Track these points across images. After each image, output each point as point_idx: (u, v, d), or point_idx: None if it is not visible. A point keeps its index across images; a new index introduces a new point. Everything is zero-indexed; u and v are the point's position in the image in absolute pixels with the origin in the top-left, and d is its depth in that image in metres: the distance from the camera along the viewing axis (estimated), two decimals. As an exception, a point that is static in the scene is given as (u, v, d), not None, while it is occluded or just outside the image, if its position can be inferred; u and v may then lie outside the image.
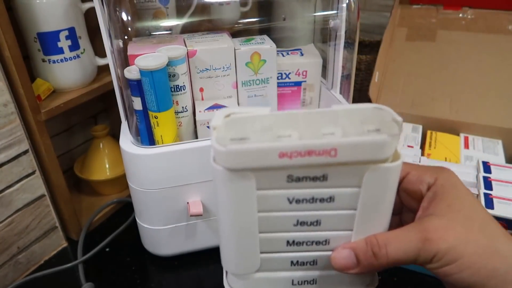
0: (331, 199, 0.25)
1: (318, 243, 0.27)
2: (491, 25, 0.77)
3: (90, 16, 0.56)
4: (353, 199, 0.25)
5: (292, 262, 0.28)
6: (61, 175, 0.56)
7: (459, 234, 0.24)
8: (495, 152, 0.62)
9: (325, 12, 0.60)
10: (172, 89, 0.49)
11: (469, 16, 0.79)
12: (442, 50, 0.76)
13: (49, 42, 0.53)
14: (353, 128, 0.23)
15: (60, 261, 0.57)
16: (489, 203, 0.48)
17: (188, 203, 0.51)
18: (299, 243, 0.27)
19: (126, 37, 0.51)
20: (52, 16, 0.52)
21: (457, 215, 0.25)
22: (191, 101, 0.52)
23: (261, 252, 0.27)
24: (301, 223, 0.26)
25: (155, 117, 0.48)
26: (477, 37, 0.76)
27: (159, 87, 0.46)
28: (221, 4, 0.60)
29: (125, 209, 0.66)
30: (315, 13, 0.61)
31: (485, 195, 0.50)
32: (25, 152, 0.51)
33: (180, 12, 0.57)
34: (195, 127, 0.52)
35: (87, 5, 0.56)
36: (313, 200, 0.25)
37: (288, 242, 0.27)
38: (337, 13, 0.56)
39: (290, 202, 0.25)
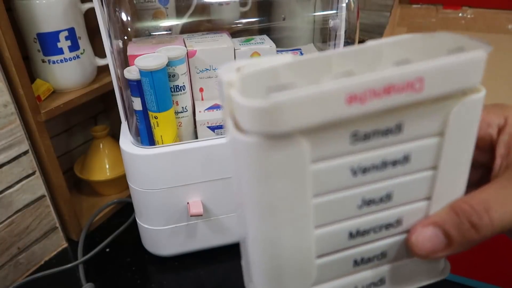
0: (406, 159, 0.19)
1: (388, 226, 0.20)
2: (491, 24, 0.77)
3: (89, 17, 0.56)
4: (433, 153, 0.19)
5: (355, 261, 0.21)
6: (61, 175, 0.56)
7: None
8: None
9: (324, 12, 0.60)
10: (172, 89, 0.49)
11: (468, 16, 0.79)
12: (442, 49, 0.76)
13: (48, 42, 0.53)
14: (425, 53, 0.17)
15: (60, 261, 0.57)
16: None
17: (188, 203, 0.51)
18: (365, 233, 0.20)
19: (125, 37, 0.51)
20: (51, 17, 0.52)
21: None
22: (191, 101, 0.52)
23: (317, 257, 0.20)
24: (367, 203, 0.19)
25: (155, 118, 0.48)
26: (477, 36, 0.76)
27: (159, 88, 0.46)
28: (220, 4, 0.60)
29: (125, 209, 0.66)
30: (314, 12, 0.61)
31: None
32: (25, 152, 0.51)
33: (179, 12, 0.57)
34: (195, 127, 0.52)
35: (87, 6, 0.56)
36: (383, 165, 0.18)
37: (351, 233, 0.20)
38: (336, 12, 0.56)
39: (355, 174, 0.18)
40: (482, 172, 0.22)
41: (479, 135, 0.21)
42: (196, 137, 0.53)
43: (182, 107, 0.51)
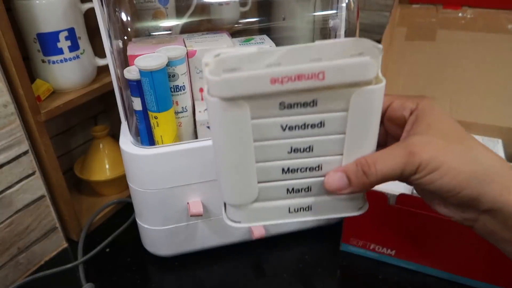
0: (321, 124, 0.26)
1: (311, 169, 0.28)
2: (491, 24, 0.77)
3: (89, 17, 0.56)
4: (341, 123, 0.26)
5: (288, 189, 0.29)
6: (61, 175, 0.56)
7: (439, 146, 0.26)
8: (495, 151, 0.62)
9: (324, 12, 0.60)
10: (172, 90, 0.49)
11: (468, 16, 0.79)
12: (442, 49, 0.76)
13: (48, 42, 0.53)
14: (337, 55, 0.25)
15: (60, 261, 0.57)
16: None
17: (188, 203, 0.51)
18: (293, 171, 0.28)
19: (125, 37, 0.51)
20: (51, 17, 0.52)
21: (437, 132, 0.27)
22: (191, 101, 0.52)
23: (258, 182, 0.28)
24: (294, 150, 0.27)
25: (155, 118, 0.48)
26: (477, 36, 0.76)
27: (159, 88, 0.46)
28: (220, 4, 0.60)
29: (125, 209, 0.66)
30: (314, 12, 0.61)
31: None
32: (25, 152, 0.51)
33: (179, 12, 0.57)
34: (195, 127, 0.52)
35: (87, 6, 0.56)
36: (305, 126, 0.26)
37: (283, 170, 0.28)
38: (336, 12, 0.56)
39: (284, 130, 0.26)
40: None
41: (397, 115, 0.29)
42: (196, 137, 0.53)
43: (182, 107, 0.51)
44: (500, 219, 0.26)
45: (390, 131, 0.31)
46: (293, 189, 0.29)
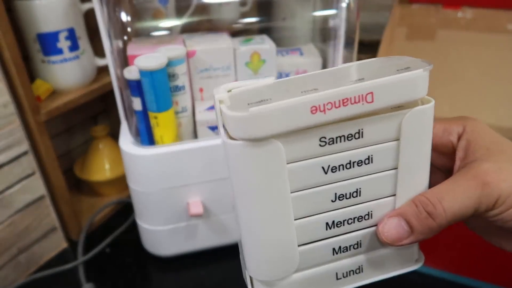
0: (369, 159, 0.22)
1: (360, 218, 0.24)
2: (491, 24, 0.77)
3: (89, 17, 0.56)
4: (392, 156, 0.22)
5: (334, 250, 0.24)
6: (61, 175, 0.56)
7: None
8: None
9: (324, 12, 0.60)
10: (172, 89, 0.49)
11: (468, 16, 0.79)
12: (442, 49, 0.76)
13: (48, 42, 0.53)
14: (379, 73, 0.21)
15: (60, 261, 0.57)
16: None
17: (188, 203, 0.51)
18: (339, 223, 0.23)
19: (125, 37, 0.51)
20: (51, 17, 0.52)
21: (503, 157, 0.23)
22: (191, 101, 0.52)
23: (299, 246, 0.23)
24: (339, 197, 0.23)
25: (155, 118, 0.48)
26: (477, 36, 0.76)
27: (159, 88, 0.46)
28: (220, 4, 0.60)
29: (125, 209, 0.66)
30: (314, 12, 0.61)
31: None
32: (25, 153, 0.51)
33: (179, 12, 0.57)
34: (195, 127, 0.52)
35: (87, 6, 0.56)
36: (350, 165, 0.22)
37: (327, 224, 0.23)
38: (336, 12, 0.56)
39: (326, 172, 0.22)
40: (447, 175, 0.24)
41: (443, 141, 0.25)
42: (196, 137, 0.53)
43: (182, 107, 0.51)
44: None
45: (433, 161, 0.26)
46: (340, 248, 0.24)
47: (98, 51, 0.59)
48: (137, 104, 0.48)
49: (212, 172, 0.50)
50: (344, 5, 0.55)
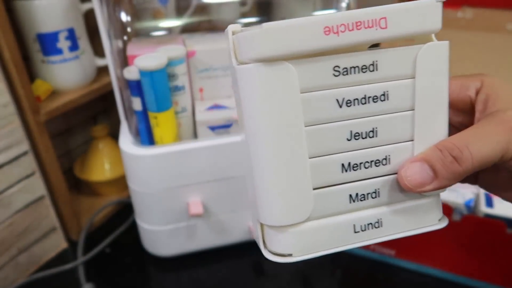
0: (385, 96, 0.21)
1: (377, 163, 0.22)
2: (491, 24, 0.77)
3: (89, 17, 0.56)
4: (408, 94, 0.21)
5: (350, 197, 0.22)
6: (60, 175, 0.56)
7: None
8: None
9: (324, 12, 0.60)
10: (172, 89, 0.49)
11: (468, 16, 0.79)
12: (442, 49, 0.76)
13: (48, 42, 0.53)
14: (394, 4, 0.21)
15: (60, 262, 0.57)
16: (489, 202, 0.48)
17: (188, 203, 0.51)
18: (356, 166, 0.22)
19: (125, 37, 0.51)
20: (51, 17, 0.52)
21: None
22: (191, 101, 0.52)
23: (313, 188, 0.21)
24: (355, 136, 0.21)
25: (154, 118, 0.48)
26: (477, 36, 0.76)
27: (159, 88, 0.46)
28: (220, 4, 0.60)
29: (125, 209, 0.66)
30: (314, 12, 0.61)
31: (486, 194, 0.50)
32: (25, 153, 0.51)
33: (179, 12, 0.57)
34: (195, 127, 0.52)
35: (86, 6, 0.56)
36: (365, 99, 0.21)
37: (343, 166, 0.22)
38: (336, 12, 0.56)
39: (340, 105, 0.21)
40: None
41: (460, 97, 0.25)
42: (196, 137, 0.53)
43: (182, 107, 0.51)
44: None
45: (450, 119, 0.25)
46: (357, 195, 0.22)
47: (98, 51, 0.59)
48: (137, 104, 0.48)
49: (212, 172, 0.50)
50: (344, 5, 0.55)
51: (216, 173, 0.50)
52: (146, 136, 0.50)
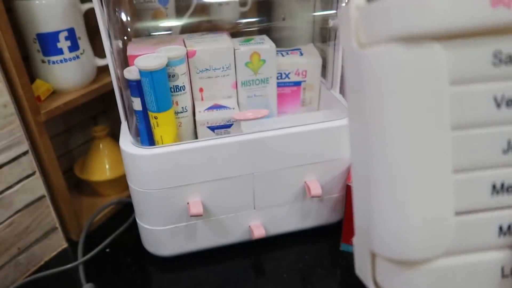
0: None
1: None
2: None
3: (89, 17, 0.56)
4: None
5: (501, 229, 0.16)
6: (61, 175, 0.56)
7: None
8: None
9: (324, 12, 0.60)
10: (172, 90, 0.49)
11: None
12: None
13: (48, 43, 0.53)
14: None
15: (60, 262, 0.57)
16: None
17: (188, 203, 0.51)
18: (510, 189, 0.16)
19: (125, 37, 0.51)
20: (51, 17, 0.52)
21: None
22: (191, 101, 0.52)
23: (456, 213, 0.16)
24: None
25: (155, 118, 0.48)
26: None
27: (159, 88, 0.46)
28: (220, 4, 0.60)
29: (125, 209, 0.66)
30: (314, 12, 0.61)
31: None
32: (25, 153, 0.51)
33: (179, 12, 0.57)
34: (195, 127, 0.52)
35: (87, 6, 0.56)
36: None
37: (494, 187, 0.16)
38: (336, 12, 0.56)
39: (499, 105, 0.15)
40: None
41: None
42: (196, 137, 0.53)
43: (182, 107, 0.51)
44: None
45: None
46: (509, 227, 0.16)
47: (98, 51, 0.59)
48: (137, 104, 0.48)
49: (212, 172, 0.50)
50: (344, 5, 0.55)
51: (216, 173, 0.50)
52: (146, 136, 0.50)
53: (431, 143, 0.15)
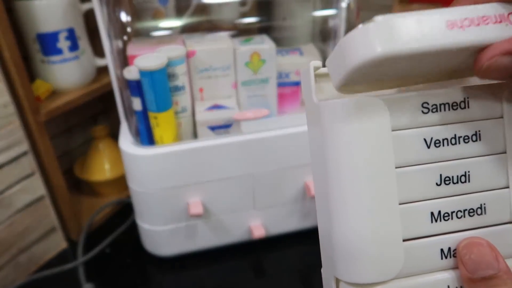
0: (476, 136, 0.19)
1: (471, 212, 0.19)
2: (491, 24, 0.77)
3: (89, 17, 0.56)
4: (499, 136, 0.19)
5: (442, 251, 0.19)
6: (60, 176, 0.56)
7: None
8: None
9: (324, 12, 0.60)
10: (172, 90, 0.49)
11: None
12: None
13: (48, 42, 0.53)
14: None
15: (60, 262, 0.57)
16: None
17: (188, 203, 0.51)
18: (447, 216, 0.19)
19: (125, 37, 0.51)
20: (51, 17, 0.52)
21: None
22: (191, 101, 0.52)
23: (403, 240, 0.19)
24: (445, 180, 0.19)
25: (154, 118, 0.48)
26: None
27: (159, 88, 0.46)
28: (220, 4, 0.60)
29: (125, 209, 0.66)
30: (314, 12, 0.61)
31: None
32: (25, 153, 0.51)
33: (179, 12, 0.57)
34: (195, 127, 0.52)
35: (86, 6, 0.56)
36: (455, 140, 0.19)
37: (432, 215, 0.19)
38: (336, 12, 0.56)
39: (428, 146, 0.19)
40: None
41: None
42: (196, 137, 0.53)
43: (182, 107, 0.51)
44: None
45: None
46: (449, 250, 0.19)
47: (98, 51, 0.59)
48: (137, 104, 0.48)
49: (212, 172, 0.50)
50: (344, 5, 0.55)
51: (216, 173, 0.50)
52: (146, 136, 0.50)
53: (380, 180, 0.18)
